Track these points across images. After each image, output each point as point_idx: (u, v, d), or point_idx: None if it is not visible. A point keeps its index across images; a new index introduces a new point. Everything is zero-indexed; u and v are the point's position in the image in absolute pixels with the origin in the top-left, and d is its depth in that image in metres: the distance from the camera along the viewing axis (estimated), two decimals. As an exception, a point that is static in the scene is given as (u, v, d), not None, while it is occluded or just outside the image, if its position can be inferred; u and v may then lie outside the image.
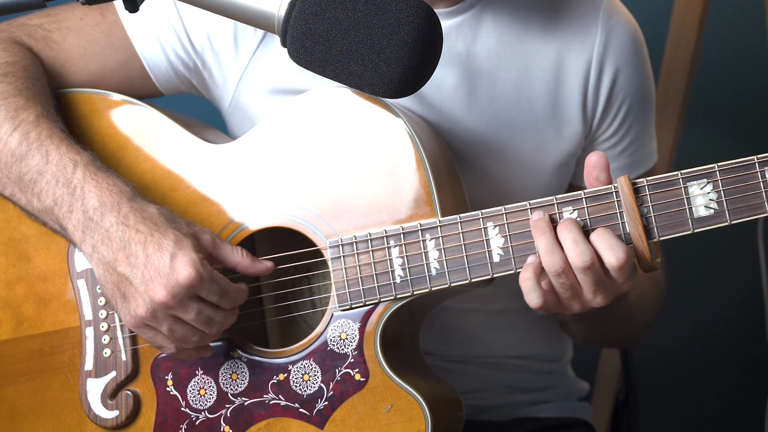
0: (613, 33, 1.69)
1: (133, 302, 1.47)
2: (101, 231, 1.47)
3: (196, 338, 1.50)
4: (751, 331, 2.52)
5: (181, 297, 1.45)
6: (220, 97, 1.74)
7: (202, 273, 1.44)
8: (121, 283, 1.47)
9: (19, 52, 1.63)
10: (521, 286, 1.45)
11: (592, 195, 1.46)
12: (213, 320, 1.48)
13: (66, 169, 1.51)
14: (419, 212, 1.53)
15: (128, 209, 1.47)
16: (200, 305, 1.47)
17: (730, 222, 1.42)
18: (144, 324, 1.48)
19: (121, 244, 1.46)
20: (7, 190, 1.57)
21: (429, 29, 1.35)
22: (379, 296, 1.53)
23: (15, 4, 1.28)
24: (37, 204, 1.53)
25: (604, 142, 1.74)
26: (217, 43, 1.68)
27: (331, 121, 1.58)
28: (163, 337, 1.50)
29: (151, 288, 1.44)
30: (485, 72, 1.67)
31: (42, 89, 1.62)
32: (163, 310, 1.46)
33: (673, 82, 2.27)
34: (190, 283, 1.44)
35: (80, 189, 1.49)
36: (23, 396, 1.65)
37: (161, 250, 1.45)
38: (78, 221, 1.49)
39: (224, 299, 1.48)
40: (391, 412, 1.52)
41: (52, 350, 1.65)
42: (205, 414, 1.59)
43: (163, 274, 1.44)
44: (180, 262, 1.44)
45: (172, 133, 1.64)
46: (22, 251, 1.66)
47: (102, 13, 1.68)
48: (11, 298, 1.66)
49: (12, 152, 1.54)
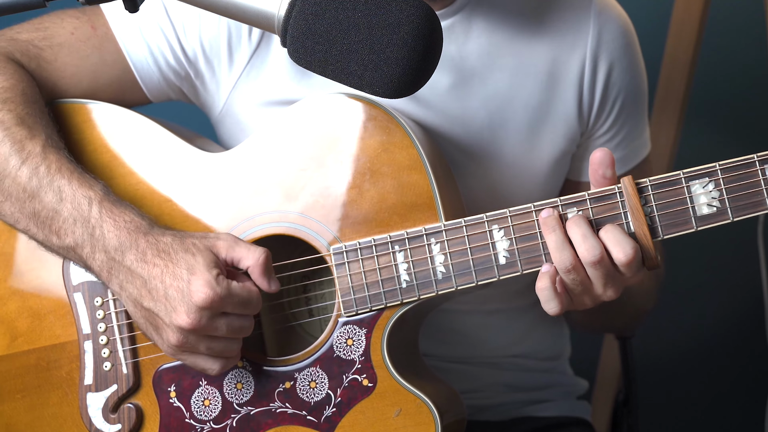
0: (606, 27, 1.71)
1: (164, 334, 1.49)
2: (124, 270, 1.49)
3: (236, 347, 1.51)
4: (751, 331, 2.54)
5: (205, 319, 1.46)
6: (210, 104, 1.72)
7: (218, 291, 1.46)
8: (150, 317, 1.49)
9: (15, 74, 1.60)
10: (539, 296, 1.46)
11: (596, 196, 1.47)
12: (244, 327, 1.50)
13: (81, 207, 1.51)
14: (422, 216, 1.54)
15: (145, 245, 1.49)
16: (228, 319, 1.48)
17: (733, 219, 1.45)
18: (182, 351, 1.50)
19: (142, 281, 1.48)
20: (20, 225, 1.56)
21: (429, 29, 1.35)
22: (385, 301, 1.53)
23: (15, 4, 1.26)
24: (57, 241, 1.53)
25: (601, 137, 1.76)
26: (211, 51, 1.67)
27: (330, 127, 1.57)
28: (204, 358, 1.50)
29: (175, 318, 1.46)
30: (478, 73, 1.68)
31: (41, 112, 1.59)
32: (193, 334, 1.47)
33: (673, 82, 2.29)
34: (208, 305, 1.46)
35: (99, 229, 1.50)
36: (20, 413, 1.63)
37: (177, 278, 1.47)
38: (102, 262, 1.51)
39: (248, 308, 1.49)
40: (401, 417, 1.53)
41: (49, 365, 1.62)
42: (210, 425, 1.58)
43: (183, 302, 1.46)
44: (194, 286, 1.46)
45: (166, 143, 1.63)
46: (14, 265, 1.63)
47: (93, 26, 1.66)
48: (4, 314, 1.63)
49: (23, 188, 1.53)
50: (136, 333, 1.60)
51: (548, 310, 1.46)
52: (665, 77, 2.28)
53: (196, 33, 1.66)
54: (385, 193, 1.55)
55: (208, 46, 1.67)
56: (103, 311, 1.60)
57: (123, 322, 1.60)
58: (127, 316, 1.60)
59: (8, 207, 1.56)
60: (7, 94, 1.57)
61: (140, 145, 1.63)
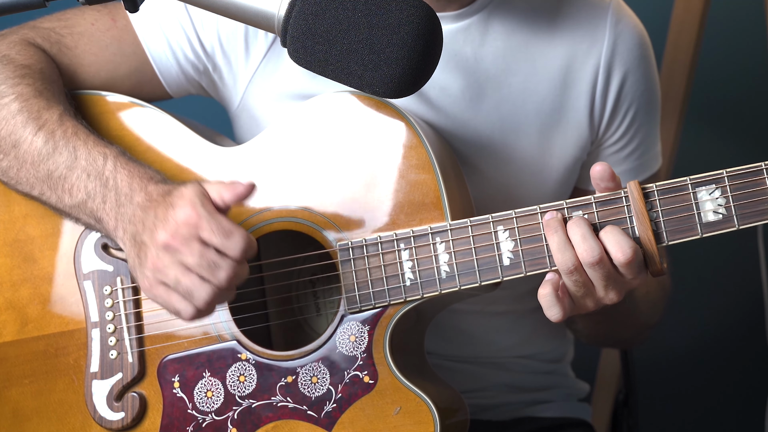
0: (621, 37, 1.71)
1: (144, 261, 1.46)
2: (130, 212, 1.49)
3: (206, 291, 1.44)
4: (751, 331, 2.54)
5: (182, 236, 1.42)
6: (229, 98, 1.74)
7: (199, 210, 1.43)
8: (140, 250, 1.47)
9: (34, 55, 1.64)
10: (541, 302, 1.46)
11: (601, 200, 1.47)
12: (218, 265, 1.42)
13: (96, 162, 1.53)
14: (429, 216, 1.54)
15: (153, 188, 1.49)
16: (202, 247, 1.42)
17: (738, 227, 1.44)
18: (156, 281, 1.45)
19: (141, 217, 1.47)
20: (35, 190, 1.58)
21: (429, 29, 1.35)
22: (389, 299, 1.54)
23: (15, 4, 1.28)
24: (69, 200, 1.54)
25: (611, 146, 1.76)
26: (228, 45, 1.69)
27: (340, 125, 1.58)
28: (177, 297, 1.45)
29: (155, 236, 1.44)
30: (492, 76, 1.68)
31: (59, 91, 1.62)
32: (167, 253, 1.43)
33: (673, 82, 2.28)
34: (187, 220, 1.42)
35: (112, 180, 1.51)
36: (27, 398, 1.65)
37: (166, 205, 1.45)
38: (110, 209, 1.51)
39: (228, 241, 1.42)
40: (400, 415, 1.53)
41: (57, 352, 1.64)
42: (212, 416, 1.59)
43: (165, 219, 1.44)
44: (179, 205, 1.44)
45: (181, 136, 1.64)
46: (27, 252, 1.66)
47: (113, 18, 1.69)
48: (16, 300, 1.66)
49: (38, 151, 1.55)
50: (143, 323, 1.61)
51: (551, 317, 1.46)
52: (665, 77, 2.27)
53: (214, 27, 1.68)
54: (392, 191, 1.55)
55: (225, 41, 1.69)
56: (111, 300, 1.62)
57: (131, 311, 1.61)
58: (135, 305, 1.61)
59: (24, 173, 1.58)
60: (26, 70, 1.61)
61: (154, 137, 1.65)
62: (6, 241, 1.66)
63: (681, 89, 2.28)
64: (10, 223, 1.66)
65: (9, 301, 1.65)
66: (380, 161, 1.56)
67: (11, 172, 1.59)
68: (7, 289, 1.66)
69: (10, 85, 1.59)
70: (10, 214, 1.66)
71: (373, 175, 1.56)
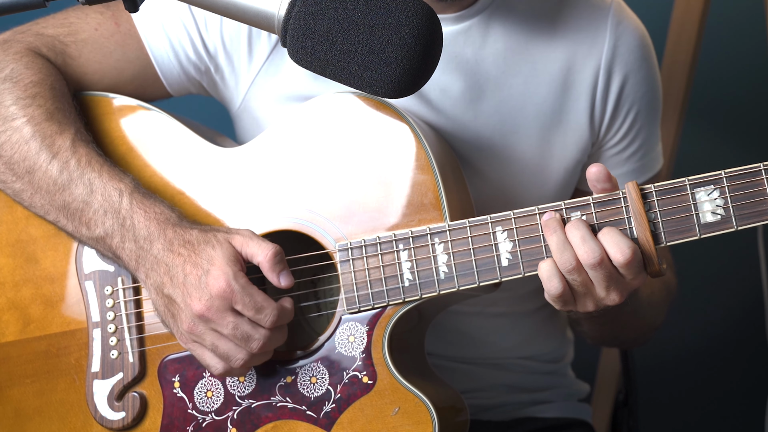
0: (622, 39, 1.70)
1: (178, 319, 1.52)
2: (151, 258, 1.53)
3: (241, 356, 1.52)
4: (751, 331, 2.53)
5: (216, 308, 1.49)
6: (230, 99, 1.75)
7: (233, 285, 1.49)
8: (169, 303, 1.53)
9: (42, 68, 1.64)
10: (540, 276, 1.45)
11: (600, 200, 1.47)
12: (251, 336, 1.51)
13: (112, 198, 1.55)
14: (428, 216, 1.54)
15: (173, 235, 1.53)
16: (236, 319, 1.50)
17: (737, 228, 1.44)
18: (192, 340, 1.53)
19: (166, 268, 1.52)
20: (50, 216, 1.60)
21: (429, 29, 1.35)
22: (387, 299, 1.54)
23: (15, 4, 1.28)
24: (86, 232, 1.57)
25: (612, 148, 1.75)
26: (231, 46, 1.69)
27: (340, 126, 1.59)
28: (210, 355, 1.53)
29: (189, 302, 1.50)
30: (492, 77, 1.68)
31: (69, 106, 1.64)
32: (202, 322, 1.50)
33: (673, 82, 2.28)
34: (221, 294, 1.49)
35: (129, 219, 1.54)
36: (29, 397, 1.66)
37: (197, 267, 1.51)
38: (131, 251, 1.55)
39: (260, 314, 1.50)
40: (399, 415, 1.53)
41: (59, 352, 1.65)
42: (211, 416, 1.59)
43: (199, 288, 1.50)
44: (212, 276, 1.49)
45: (182, 137, 1.65)
46: (29, 253, 1.67)
47: (116, 22, 1.69)
48: (18, 300, 1.67)
49: (54, 181, 1.58)
50: (144, 323, 1.62)
51: (549, 290, 1.45)
52: (665, 77, 2.26)
53: (218, 28, 1.69)
54: (392, 191, 1.56)
55: (228, 41, 1.69)
56: (112, 300, 1.63)
57: (132, 312, 1.62)
58: (135, 305, 1.62)
59: (39, 199, 1.60)
60: (36, 89, 1.61)
61: (156, 139, 1.66)
62: (8, 241, 1.67)
63: (681, 89, 2.28)
64: (13, 224, 1.67)
65: (11, 301, 1.66)
66: (380, 162, 1.56)
67: (24, 195, 1.61)
68: (10, 290, 1.67)
69: (21, 107, 1.60)
70: (12, 214, 1.67)
71: (372, 175, 1.56)
